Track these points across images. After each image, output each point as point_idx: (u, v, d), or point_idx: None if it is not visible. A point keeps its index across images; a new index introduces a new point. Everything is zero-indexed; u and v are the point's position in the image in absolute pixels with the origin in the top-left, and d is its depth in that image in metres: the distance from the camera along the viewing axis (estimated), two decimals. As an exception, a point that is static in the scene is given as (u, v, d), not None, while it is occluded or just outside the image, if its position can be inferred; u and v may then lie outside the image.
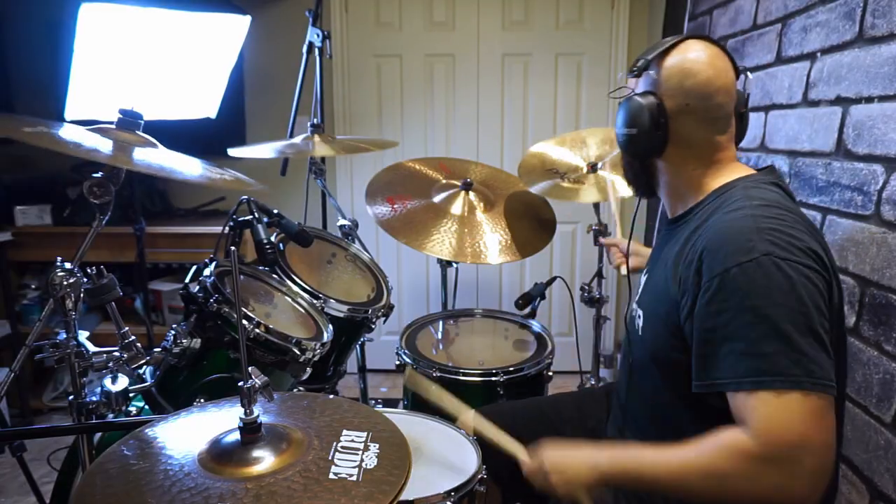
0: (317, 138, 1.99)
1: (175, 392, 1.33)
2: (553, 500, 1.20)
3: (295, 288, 1.62)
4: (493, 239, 1.96)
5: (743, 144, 1.91)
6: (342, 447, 0.81)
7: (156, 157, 1.12)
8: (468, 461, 1.25)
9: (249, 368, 0.81)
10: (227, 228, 1.58)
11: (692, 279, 0.98)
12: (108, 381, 1.18)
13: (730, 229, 0.97)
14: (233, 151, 1.92)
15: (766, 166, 1.13)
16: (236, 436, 0.81)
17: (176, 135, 1.40)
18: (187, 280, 1.37)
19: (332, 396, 1.00)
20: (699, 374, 0.97)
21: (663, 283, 1.07)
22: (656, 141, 1.09)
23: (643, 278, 1.23)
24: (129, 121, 1.14)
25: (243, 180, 1.24)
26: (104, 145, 1.07)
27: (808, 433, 0.86)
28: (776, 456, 0.87)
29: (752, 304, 0.90)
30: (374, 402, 2.77)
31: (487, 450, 1.31)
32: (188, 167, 1.16)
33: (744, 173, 1.10)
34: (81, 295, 1.10)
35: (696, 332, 0.97)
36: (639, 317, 1.16)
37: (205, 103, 2.50)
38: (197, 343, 1.29)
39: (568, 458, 1.06)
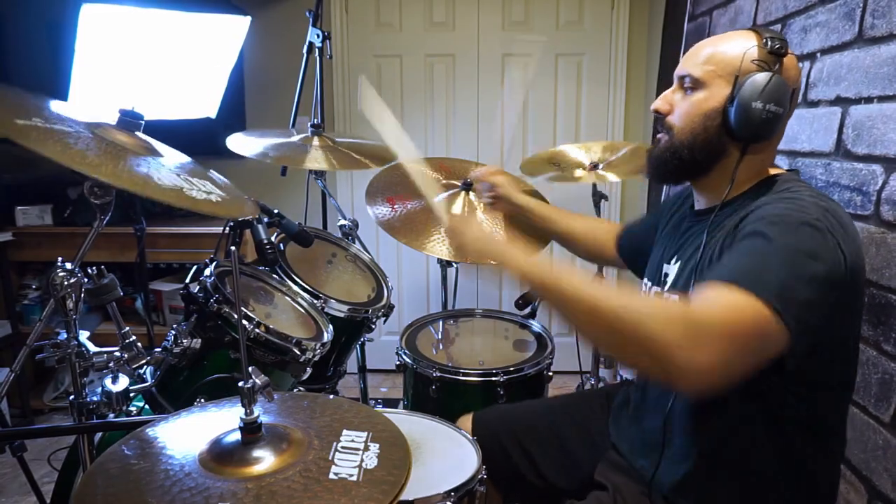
0: (316, 142, 1.99)
1: (175, 392, 1.33)
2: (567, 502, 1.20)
3: (295, 288, 1.63)
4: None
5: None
6: (342, 447, 0.82)
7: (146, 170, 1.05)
8: (468, 461, 1.25)
9: (250, 368, 0.81)
10: (227, 229, 1.59)
11: (732, 235, 0.99)
12: (108, 381, 1.18)
13: (794, 200, 0.97)
14: (231, 144, 1.89)
15: (792, 169, 1.14)
16: (237, 436, 0.81)
17: (176, 135, 1.40)
18: (188, 280, 1.37)
19: (332, 396, 1.00)
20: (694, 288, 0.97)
21: (709, 263, 1.04)
22: (782, 125, 1.07)
23: (672, 266, 1.19)
24: (129, 121, 1.14)
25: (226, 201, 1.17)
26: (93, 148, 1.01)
27: (740, 329, 0.85)
28: (703, 321, 0.85)
29: (780, 237, 0.91)
30: (374, 402, 2.77)
31: (488, 450, 1.31)
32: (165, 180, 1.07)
33: (779, 170, 1.12)
34: (82, 295, 1.10)
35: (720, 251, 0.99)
36: None
37: (205, 103, 2.50)
38: (197, 343, 1.29)
39: (487, 239, 1.11)
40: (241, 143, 1.91)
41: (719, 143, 1.08)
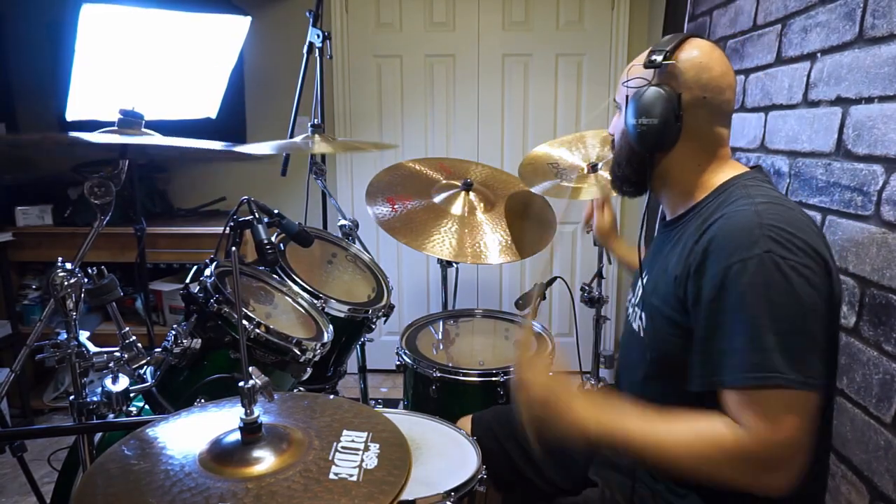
0: (317, 138, 1.99)
1: (175, 392, 1.33)
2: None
3: (295, 288, 1.63)
4: (493, 239, 1.96)
5: (743, 144, 1.93)
6: (342, 447, 0.82)
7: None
8: (468, 461, 1.25)
9: (250, 368, 0.81)
10: (227, 229, 1.58)
11: (697, 276, 0.98)
12: (108, 382, 1.18)
13: (734, 225, 0.97)
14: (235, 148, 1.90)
15: (754, 166, 1.14)
16: (237, 436, 0.81)
17: (176, 135, 1.40)
18: (188, 280, 1.37)
19: (332, 396, 1.00)
20: (698, 371, 0.98)
21: (668, 284, 1.07)
22: (673, 132, 1.09)
23: (642, 279, 1.23)
24: (129, 121, 1.15)
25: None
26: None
27: (794, 433, 0.89)
28: (765, 453, 0.90)
29: (750, 302, 0.91)
30: (374, 402, 2.77)
31: (487, 450, 1.31)
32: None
33: (739, 170, 1.11)
34: (82, 295, 1.10)
35: (697, 329, 0.98)
36: (640, 318, 1.16)
37: (205, 103, 2.50)
38: (197, 343, 1.29)
39: (560, 408, 1.05)
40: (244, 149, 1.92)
41: (639, 157, 1.15)
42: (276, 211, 1.64)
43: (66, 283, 1.07)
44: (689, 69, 1.08)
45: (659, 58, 1.08)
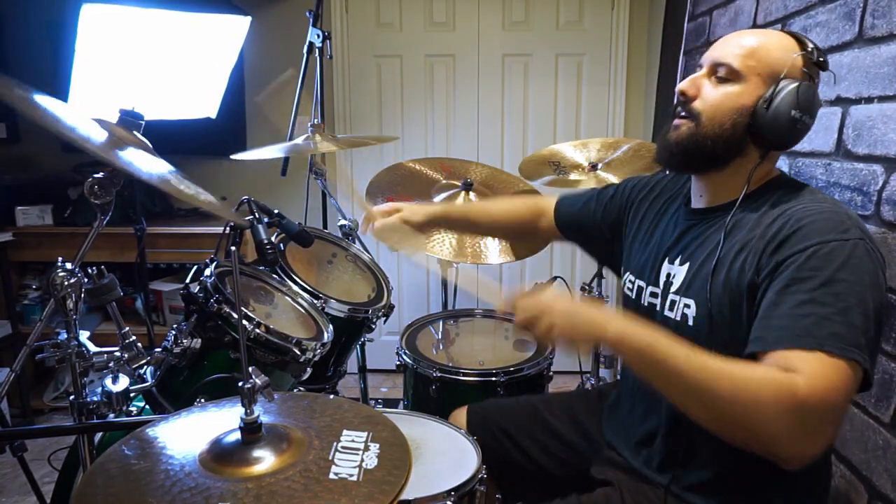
0: (318, 136, 1.99)
1: (176, 392, 1.33)
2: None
3: (295, 288, 1.63)
4: (493, 239, 1.96)
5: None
6: (342, 447, 0.82)
7: (141, 161, 1.06)
8: (468, 461, 1.25)
9: (250, 368, 0.81)
10: (227, 229, 1.59)
11: (777, 253, 0.96)
12: (108, 381, 1.18)
13: (823, 212, 0.97)
14: (235, 156, 1.91)
15: None
16: (237, 436, 0.81)
17: (176, 135, 1.40)
18: (188, 280, 1.37)
19: (332, 396, 1.00)
20: (760, 335, 0.93)
21: (731, 271, 1.01)
22: (806, 132, 1.05)
23: (677, 268, 1.14)
24: (129, 121, 1.14)
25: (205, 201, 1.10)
26: (99, 136, 1.04)
27: (843, 403, 0.89)
28: (815, 408, 0.85)
29: (844, 276, 0.90)
30: (374, 402, 2.77)
31: (483, 441, 1.31)
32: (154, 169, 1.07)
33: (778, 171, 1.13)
34: (82, 295, 1.10)
35: (768, 296, 0.95)
36: (680, 307, 1.10)
37: (205, 103, 2.50)
38: (197, 343, 1.29)
39: (576, 308, 0.99)
40: (245, 156, 1.93)
41: (742, 142, 1.06)
42: (276, 211, 1.64)
43: (66, 283, 1.07)
44: (821, 81, 1.07)
45: (820, 56, 1.03)
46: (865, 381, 0.90)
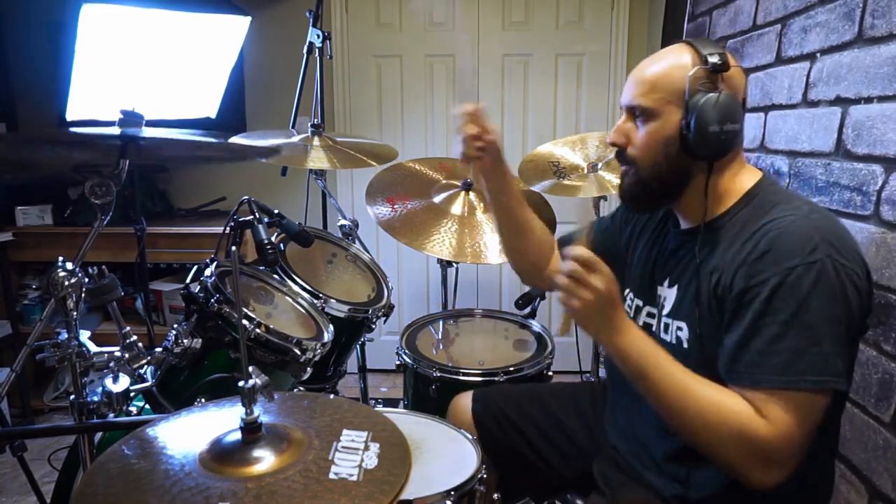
0: (316, 142, 1.99)
1: (176, 392, 1.33)
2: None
3: (295, 288, 1.63)
4: (493, 239, 1.96)
5: (743, 145, 1.93)
6: (342, 447, 0.82)
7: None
8: (468, 461, 1.25)
9: (250, 368, 0.81)
10: (227, 229, 1.59)
11: (747, 277, 0.96)
12: (109, 381, 1.18)
13: (791, 230, 0.96)
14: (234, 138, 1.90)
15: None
16: (237, 435, 0.81)
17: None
18: (188, 280, 1.38)
19: (332, 396, 1.00)
20: (728, 367, 0.97)
21: (712, 293, 1.02)
22: (740, 138, 1.06)
23: (668, 290, 1.15)
24: (130, 121, 1.15)
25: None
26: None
27: (810, 433, 0.91)
28: (777, 449, 0.91)
29: (813, 304, 0.91)
30: (374, 402, 2.77)
31: (488, 449, 1.31)
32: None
33: (755, 173, 1.10)
34: (82, 295, 1.10)
35: (737, 326, 0.96)
36: (674, 329, 1.11)
37: (205, 103, 2.50)
38: (198, 343, 1.29)
39: (609, 306, 1.02)
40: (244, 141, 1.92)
41: (684, 167, 1.07)
42: (276, 211, 1.64)
43: (66, 283, 1.07)
44: (737, 75, 1.06)
45: (717, 60, 1.02)
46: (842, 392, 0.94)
